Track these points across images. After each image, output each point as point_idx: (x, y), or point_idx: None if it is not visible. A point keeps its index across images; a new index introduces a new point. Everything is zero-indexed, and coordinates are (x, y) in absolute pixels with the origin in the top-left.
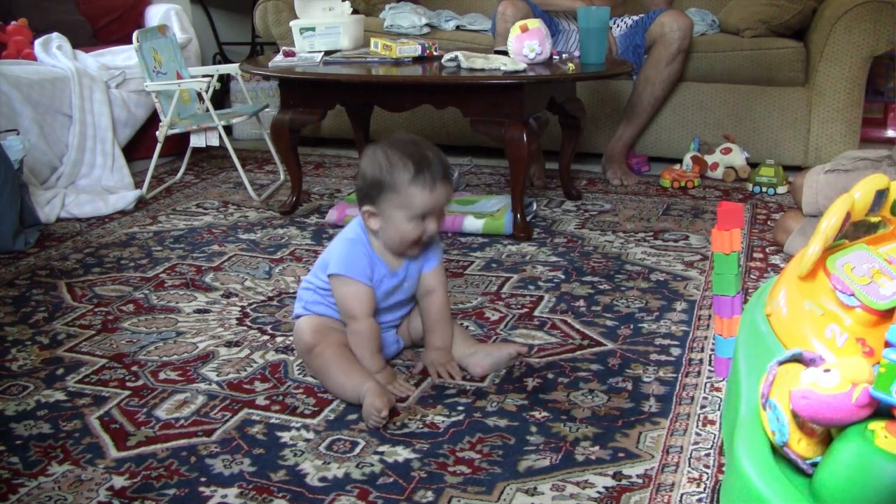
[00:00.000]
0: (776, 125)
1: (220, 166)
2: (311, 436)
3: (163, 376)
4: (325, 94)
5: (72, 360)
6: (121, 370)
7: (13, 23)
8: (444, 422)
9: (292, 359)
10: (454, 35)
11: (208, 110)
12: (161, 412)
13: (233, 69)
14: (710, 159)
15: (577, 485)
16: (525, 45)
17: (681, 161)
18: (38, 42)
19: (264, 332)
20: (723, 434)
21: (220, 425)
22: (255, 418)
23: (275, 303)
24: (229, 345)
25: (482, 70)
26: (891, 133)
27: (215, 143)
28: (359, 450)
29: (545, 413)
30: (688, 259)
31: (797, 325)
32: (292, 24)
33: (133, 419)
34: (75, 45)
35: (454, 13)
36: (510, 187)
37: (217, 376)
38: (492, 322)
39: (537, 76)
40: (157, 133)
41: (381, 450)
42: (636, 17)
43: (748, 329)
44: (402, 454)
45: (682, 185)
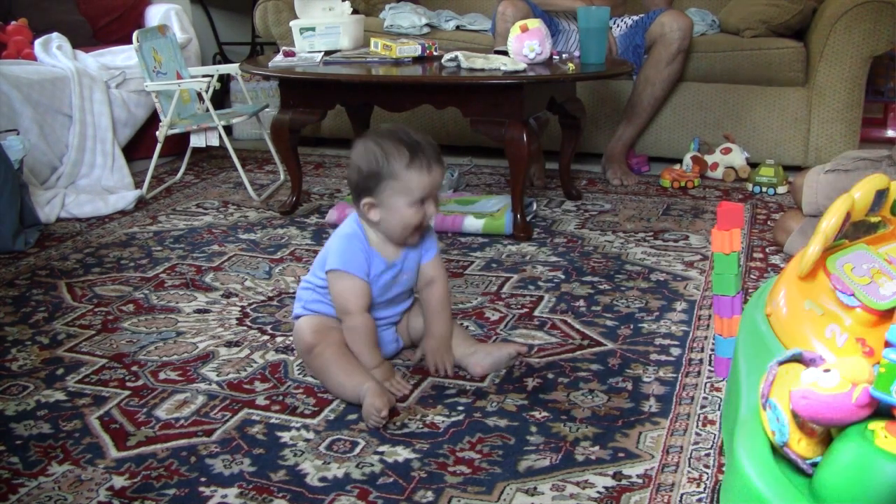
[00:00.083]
0: (776, 125)
1: (220, 166)
2: (311, 436)
3: (163, 376)
4: (325, 94)
5: (72, 360)
6: (121, 370)
7: (13, 23)
8: (444, 422)
9: (292, 359)
10: (454, 35)
11: (208, 110)
12: (161, 412)
13: (233, 69)
14: (710, 159)
15: (577, 485)
16: (525, 45)
17: (681, 161)
18: (38, 42)
19: (264, 332)
20: (723, 434)
21: (220, 425)
22: (255, 418)
23: (275, 303)
24: (229, 345)
25: (482, 70)
26: (891, 133)
27: (215, 143)
28: (359, 450)
29: (545, 413)
30: (688, 259)
31: (797, 325)
32: (292, 24)
33: (133, 419)
34: (75, 45)
35: (454, 13)
36: (510, 187)
37: (217, 376)
38: (492, 322)
39: (537, 76)
40: (157, 133)
41: (381, 450)
42: (636, 17)
43: (748, 329)
44: (402, 454)
45: (682, 185)
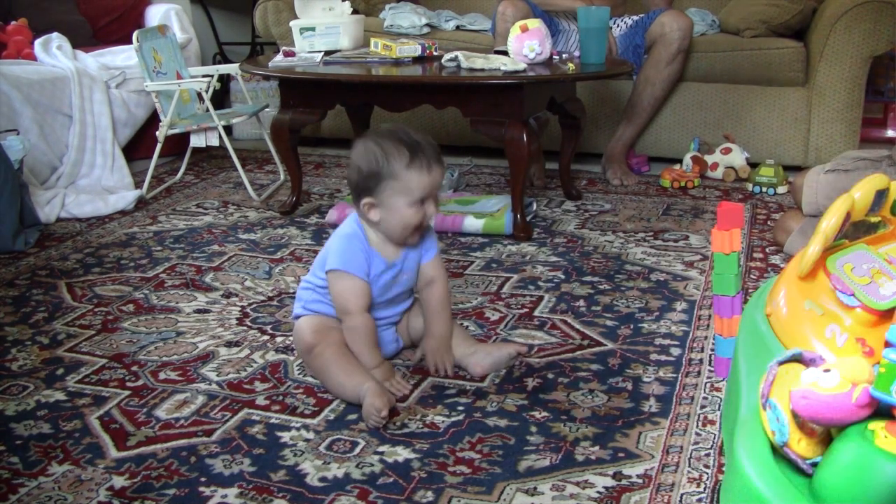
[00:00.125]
0: (776, 125)
1: (220, 166)
2: (311, 436)
3: (163, 376)
4: (325, 94)
5: (72, 360)
6: (121, 370)
7: (13, 23)
8: (444, 422)
9: (292, 359)
10: (454, 35)
11: (208, 110)
12: (161, 412)
13: (233, 69)
14: (710, 159)
15: (577, 485)
16: (525, 45)
17: (681, 161)
18: (38, 42)
19: (264, 332)
20: (723, 434)
21: (220, 425)
22: (255, 418)
23: (275, 303)
24: (229, 345)
25: (482, 70)
26: (891, 133)
27: (215, 143)
28: (359, 450)
29: (545, 413)
30: (688, 259)
31: (797, 325)
32: (292, 24)
33: (133, 419)
34: (75, 45)
35: (454, 13)
36: (510, 187)
37: (217, 376)
38: (492, 322)
39: (537, 76)
40: (157, 133)
41: (381, 450)
42: (636, 17)
43: (748, 329)
44: (402, 454)
45: (682, 185)
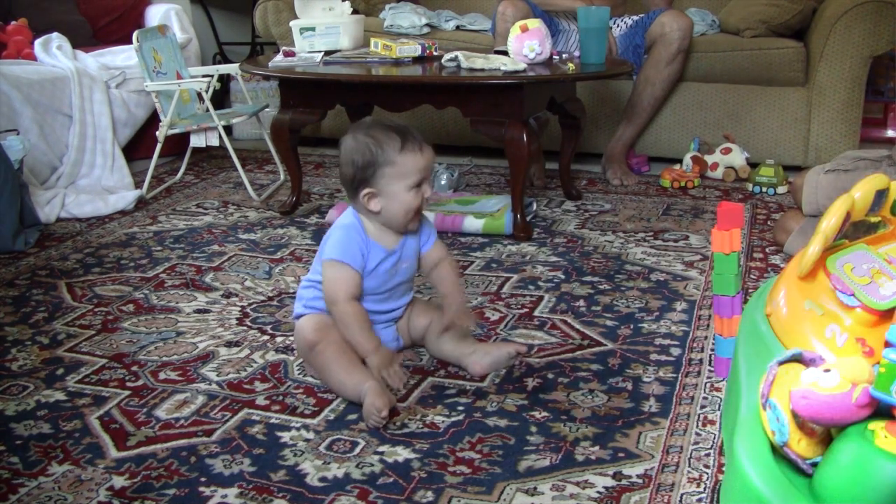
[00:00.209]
0: (776, 125)
1: (220, 166)
2: (311, 436)
3: (163, 376)
4: (325, 94)
5: (72, 360)
6: (121, 370)
7: (13, 23)
8: (444, 422)
9: (292, 359)
10: (454, 35)
11: (208, 110)
12: (161, 412)
13: (233, 69)
14: (710, 159)
15: (577, 485)
16: (525, 45)
17: (681, 161)
18: (38, 42)
19: (264, 332)
20: (723, 434)
21: (220, 425)
22: (255, 418)
23: (275, 303)
24: (229, 345)
25: (482, 70)
26: (891, 133)
27: (215, 143)
28: (359, 450)
29: (545, 413)
30: (688, 259)
31: (797, 325)
32: (292, 24)
33: (133, 419)
34: (75, 45)
35: (454, 13)
36: (510, 187)
37: (217, 376)
38: (492, 322)
39: (537, 76)
40: (157, 133)
41: (381, 450)
42: (636, 17)
43: (748, 329)
44: (402, 454)
45: (682, 185)
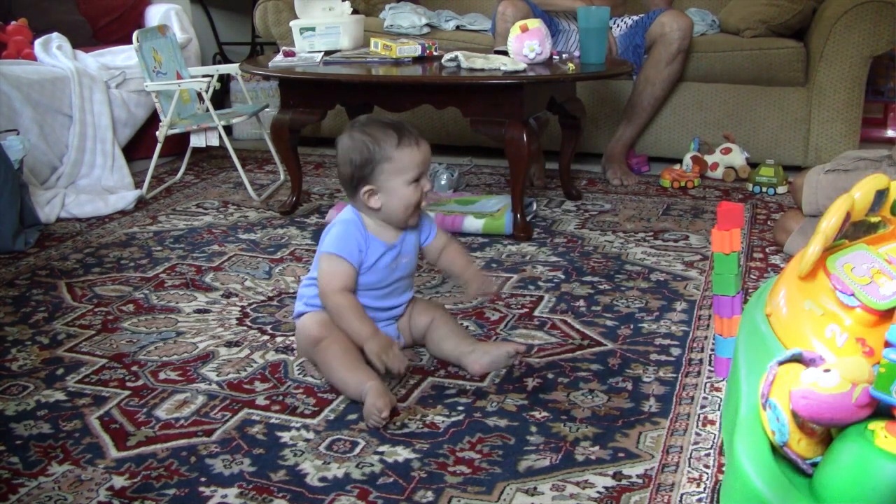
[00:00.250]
0: (776, 125)
1: (220, 166)
2: (311, 436)
3: (163, 376)
4: (325, 94)
5: (72, 360)
6: (121, 370)
7: (13, 23)
8: (444, 422)
9: (292, 359)
10: (454, 35)
11: (208, 110)
12: (161, 412)
13: (233, 69)
14: (710, 159)
15: (577, 485)
16: (525, 45)
17: (681, 161)
18: (38, 42)
19: (264, 332)
20: (723, 434)
21: (220, 425)
22: (255, 418)
23: (275, 303)
24: (229, 345)
25: (482, 70)
26: (891, 133)
27: (215, 143)
28: (359, 450)
29: (545, 413)
30: (688, 259)
31: (797, 325)
32: (292, 24)
33: (133, 419)
34: (75, 45)
35: (454, 13)
36: (510, 187)
37: (217, 376)
38: (492, 322)
39: (537, 76)
40: (157, 133)
41: (381, 450)
42: (636, 17)
43: (748, 329)
44: (402, 454)
45: (682, 185)
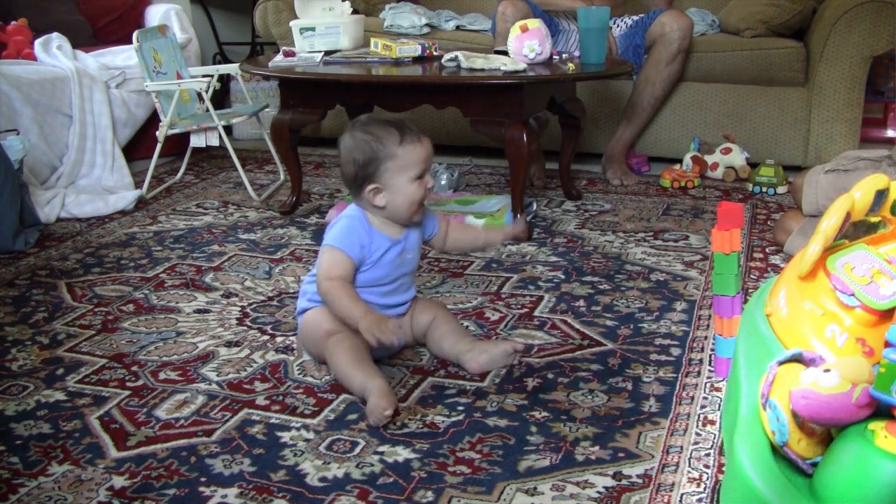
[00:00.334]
0: (776, 125)
1: (220, 166)
2: (311, 436)
3: (163, 376)
4: (325, 94)
5: (72, 360)
6: (121, 370)
7: (13, 23)
8: (444, 422)
9: (292, 359)
10: (454, 35)
11: (208, 110)
12: (161, 412)
13: (233, 69)
14: (710, 159)
15: (577, 485)
16: (525, 45)
17: (681, 161)
18: (38, 42)
19: (264, 332)
20: (723, 434)
21: (220, 425)
22: (255, 418)
23: (275, 303)
24: (229, 345)
25: (482, 70)
26: (891, 133)
27: (215, 143)
28: (359, 450)
29: (545, 413)
30: (688, 259)
31: (797, 325)
32: (292, 24)
33: (133, 419)
34: (75, 45)
35: (454, 13)
36: (510, 187)
37: (217, 376)
38: (492, 322)
39: (537, 76)
40: (157, 133)
41: (381, 450)
42: (636, 17)
43: (748, 329)
44: (402, 454)
45: (682, 185)
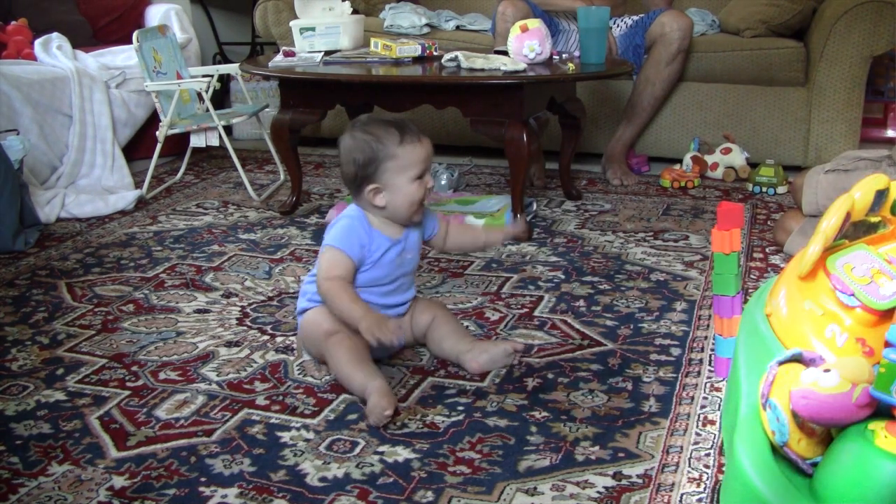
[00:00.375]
0: (776, 125)
1: (220, 166)
2: (311, 436)
3: (163, 376)
4: (325, 94)
5: (72, 360)
6: (121, 370)
7: (13, 23)
8: (444, 422)
9: (292, 359)
10: (454, 35)
11: (208, 110)
12: (161, 412)
13: (233, 69)
14: (710, 159)
15: (577, 485)
16: (525, 45)
17: (681, 161)
18: (38, 42)
19: (264, 332)
20: (723, 434)
21: (220, 425)
22: (255, 418)
23: (275, 303)
24: (229, 345)
25: (482, 70)
26: (891, 133)
27: (215, 143)
28: (359, 450)
29: (545, 413)
30: (688, 259)
31: (797, 325)
32: (292, 24)
33: (133, 419)
34: (75, 45)
35: (454, 13)
36: (510, 187)
37: (217, 376)
38: (492, 322)
39: (537, 76)
40: (157, 133)
41: (381, 450)
42: (636, 17)
43: (748, 329)
44: (402, 454)
45: (682, 185)
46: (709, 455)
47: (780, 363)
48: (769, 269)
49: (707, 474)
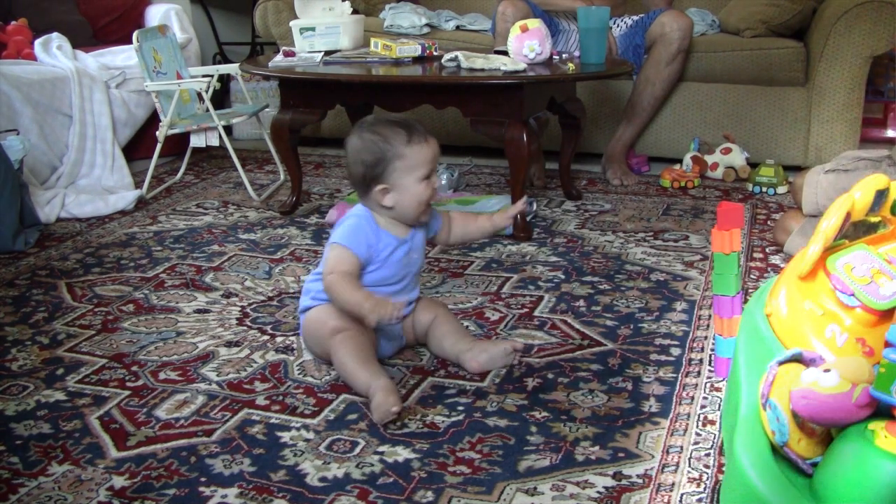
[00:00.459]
0: (776, 125)
1: (220, 166)
2: (311, 436)
3: (163, 376)
4: (325, 94)
5: (72, 360)
6: (121, 370)
7: (13, 23)
8: (444, 422)
9: (292, 359)
10: (454, 35)
11: (208, 110)
12: (161, 412)
13: (233, 69)
14: (710, 159)
15: (577, 485)
16: (525, 45)
17: (681, 161)
18: (38, 42)
19: (264, 332)
20: (723, 434)
21: (220, 425)
22: (255, 418)
23: (275, 303)
24: (229, 345)
25: (482, 70)
26: (891, 133)
27: (215, 143)
28: (359, 450)
29: (545, 413)
30: (688, 259)
31: (797, 325)
32: (292, 24)
33: (133, 419)
34: (75, 45)
35: (454, 13)
36: (510, 187)
37: (217, 376)
38: (492, 322)
39: (537, 76)
40: (157, 133)
41: (381, 450)
42: (636, 17)
43: (748, 329)
44: (402, 454)
45: (682, 185)
46: (709, 455)
47: (780, 363)
48: (769, 269)
49: (707, 474)
